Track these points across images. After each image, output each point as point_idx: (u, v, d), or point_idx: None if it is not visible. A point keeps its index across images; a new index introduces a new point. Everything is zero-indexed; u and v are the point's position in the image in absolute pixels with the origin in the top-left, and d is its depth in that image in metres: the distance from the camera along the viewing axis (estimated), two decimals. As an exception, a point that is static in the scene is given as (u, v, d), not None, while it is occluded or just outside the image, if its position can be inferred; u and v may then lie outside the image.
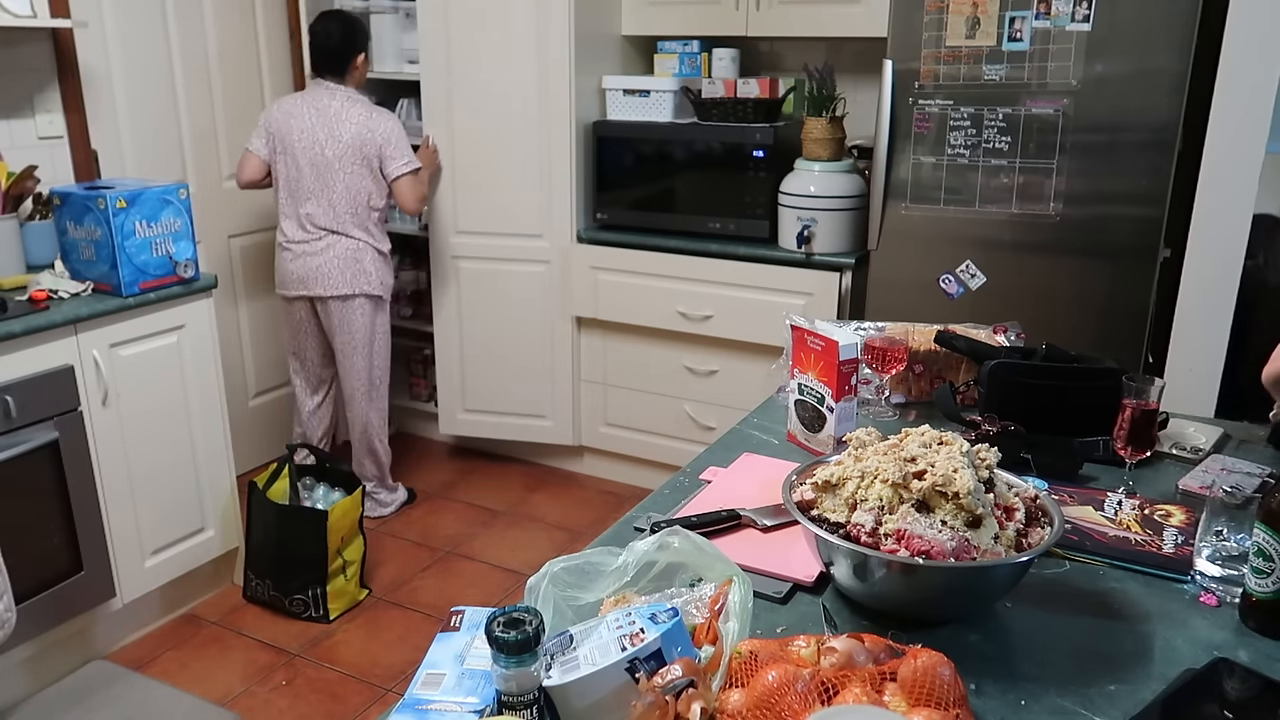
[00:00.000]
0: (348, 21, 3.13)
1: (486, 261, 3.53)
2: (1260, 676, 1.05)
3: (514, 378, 3.64)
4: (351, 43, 3.11)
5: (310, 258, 3.13)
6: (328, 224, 3.10)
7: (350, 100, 3.09)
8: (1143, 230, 2.52)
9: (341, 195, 3.08)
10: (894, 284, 2.85)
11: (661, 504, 1.48)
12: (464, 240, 3.52)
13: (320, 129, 3.05)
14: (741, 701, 0.89)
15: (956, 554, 1.06)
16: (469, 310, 3.60)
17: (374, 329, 3.26)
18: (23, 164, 2.70)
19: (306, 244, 3.13)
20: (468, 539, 3.33)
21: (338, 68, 3.11)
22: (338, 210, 3.09)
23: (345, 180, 3.07)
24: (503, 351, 3.62)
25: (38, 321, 2.33)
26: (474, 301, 3.59)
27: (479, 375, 3.67)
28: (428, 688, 0.99)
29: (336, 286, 3.14)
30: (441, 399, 3.73)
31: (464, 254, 3.53)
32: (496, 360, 3.64)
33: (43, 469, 2.39)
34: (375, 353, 3.29)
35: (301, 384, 3.38)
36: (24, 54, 2.83)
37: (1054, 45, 2.50)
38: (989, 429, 1.55)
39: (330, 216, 3.09)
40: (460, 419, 3.74)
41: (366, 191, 3.11)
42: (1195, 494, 1.46)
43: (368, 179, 3.11)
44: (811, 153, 3.11)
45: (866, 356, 1.72)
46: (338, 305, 3.18)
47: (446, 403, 3.72)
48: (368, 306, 3.21)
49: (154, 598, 2.78)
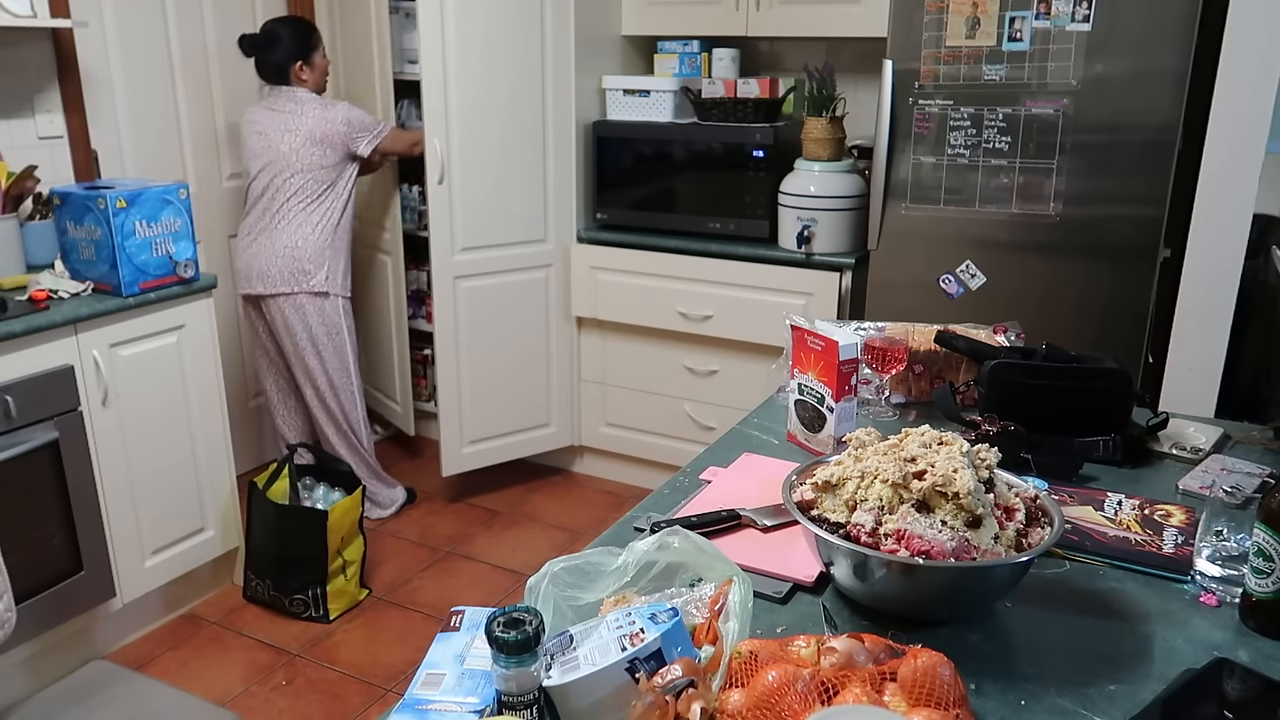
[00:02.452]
0: (275, 33, 3.11)
1: (488, 276, 3.38)
2: (1260, 676, 1.05)
3: (515, 392, 3.53)
4: (288, 52, 3.10)
5: (253, 255, 3.15)
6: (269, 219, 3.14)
7: (302, 101, 3.11)
8: (1143, 230, 2.52)
9: (293, 191, 3.11)
10: (894, 284, 2.85)
11: (661, 504, 1.48)
12: (466, 259, 3.33)
13: (273, 127, 3.09)
14: (741, 701, 0.89)
15: (956, 554, 1.06)
16: (470, 334, 3.40)
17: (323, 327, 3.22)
18: (23, 164, 2.70)
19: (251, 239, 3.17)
20: (468, 539, 3.33)
21: (280, 78, 3.13)
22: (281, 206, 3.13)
23: (301, 177, 3.09)
24: (503, 367, 3.48)
25: (38, 321, 2.33)
26: (475, 322, 3.40)
27: (481, 401, 3.48)
28: (428, 688, 0.99)
29: (275, 284, 3.14)
30: (444, 436, 3.49)
31: (466, 272, 3.34)
32: (497, 380, 3.48)
33: (43, 469, 2.39)
34: (326, 352, 3.24)
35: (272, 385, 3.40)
36: (24, 54, 2.83)
37: (1054, 45, 2.50)
38: (989, 429, 1.55)
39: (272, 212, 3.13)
40: (465, 454, 3.52)
41: (324, 183, 3.14)
42: (1195, 494, 1.46)
43: (329, 171, 3.13)
44: (811, 153, 3.11)
45: (866, 356, 1.72)
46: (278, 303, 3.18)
47: (449, 439, 3.48)
48: (311, 306, 3.18)
49: (154, 598, 2.78)
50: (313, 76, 3.15)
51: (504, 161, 3.32)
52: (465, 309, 3.37)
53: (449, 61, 3.18)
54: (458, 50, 3.17)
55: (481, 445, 3.55)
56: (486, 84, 3.23)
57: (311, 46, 3.15)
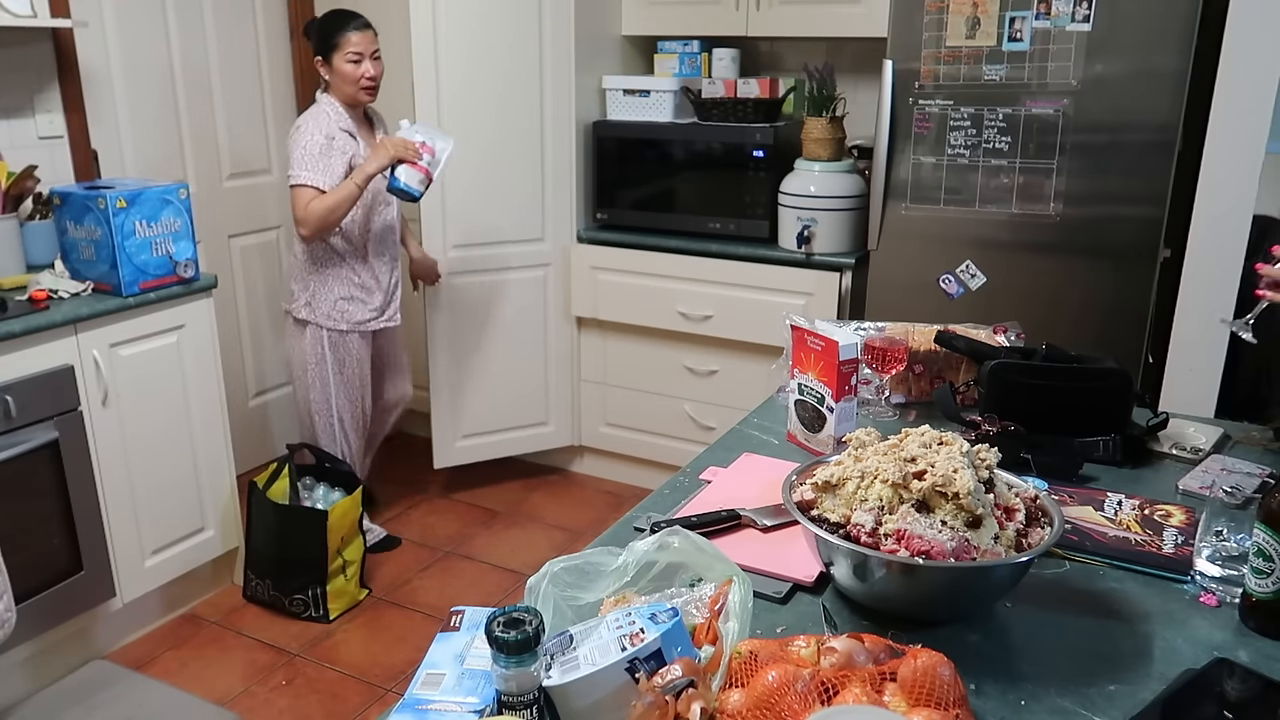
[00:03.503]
0: (311, 22, 2.91)
1: (481, 274, 3.38)
2: (1260, 676, 1.05)
3: (512, 390, 3.53)
4: (314, 45, 2.83)
5: None
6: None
7: (312, 107, 2.86)
8: (1143, 230, 2.52)
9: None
10: (894, 284, 2.85)
11: (661, 504, 1.48)
12: (457, 255, 3.33)
13: None
14: (741, 701, 0.89)
15: (956, 554, 1.06)
16: (464, 328, 3.41)
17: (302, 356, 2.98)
18: (23, 164, 2.70)
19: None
20: (467, 539, 3.33)
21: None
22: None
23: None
24: (500, 365, 3.49)
25: (38, 321, 2.33)
26: (469, 318, 3.41)
27: (475, 396, 3.49)
28: (428, 688, 0.99)
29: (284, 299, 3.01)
30: (436, 429, 3.46)
31: (458, 269, 3.33)
32: (491, 375, 3.49)
33: (43, 469, 2.39)
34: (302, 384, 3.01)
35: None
36: (24, 54, 2.83)
37: (1054, 45, 2.50)
38: (989, 429, 1.55)
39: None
40: (458, 448, 3.52)
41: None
42: (1195, 494, 1.46)
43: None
44: (811, 153, 3.11)
45: (866, 356, 1.72)
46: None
47: (441, 432, 3.47)
48: (293, 329, 2.99)
49: (154, 598, 2.78)
50: (333, 80, 2.81)
51: (497, 160, 3.31)
52: (456, 304, 3.38)
53: (440, 58, 3.14)
54: (448, 48, 3.13)
55: (475, 440, 3.57)
56: (480, 82, 3.22)
57: (332, 46, 2.77)
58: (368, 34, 2.80)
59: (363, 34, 2.79)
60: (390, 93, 3.23)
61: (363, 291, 2.96)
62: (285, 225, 3.78)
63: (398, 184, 2.75)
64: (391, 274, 3.04)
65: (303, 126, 2.79)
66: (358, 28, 2.78)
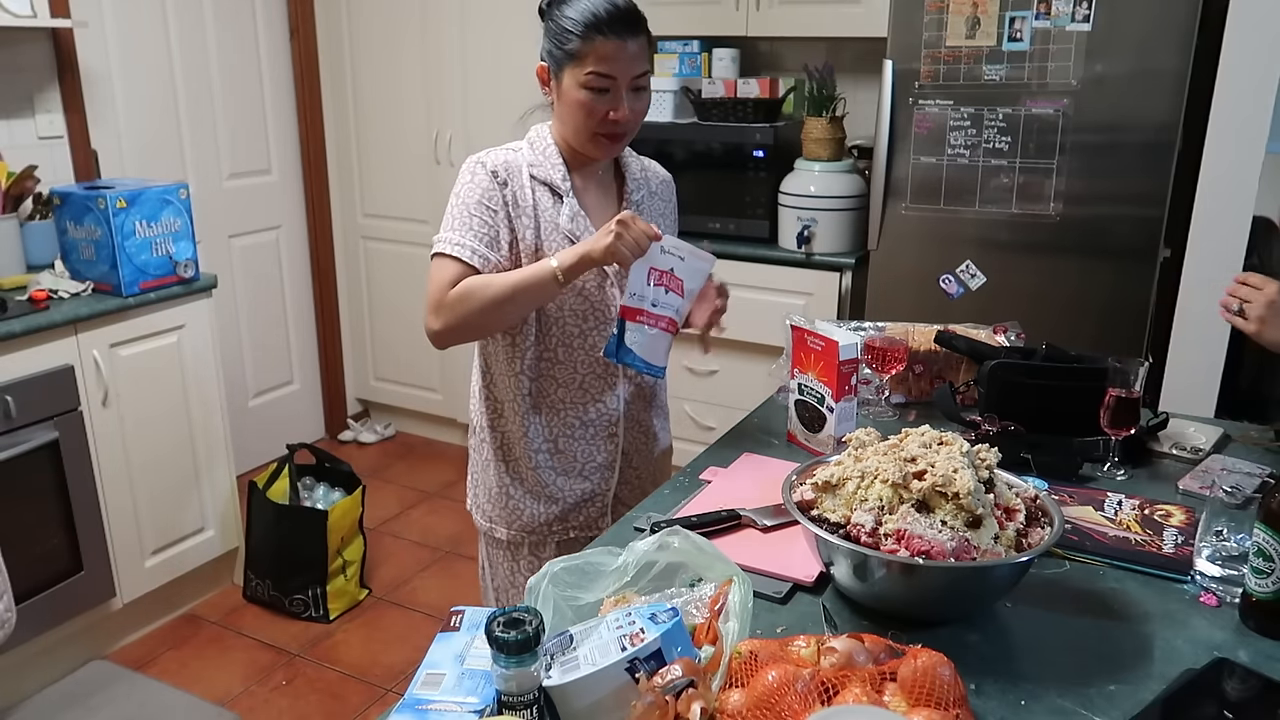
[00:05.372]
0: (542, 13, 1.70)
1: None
2: (1260, 676, 1.05)
3: None
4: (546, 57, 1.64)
5: None
6: None
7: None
8: (1143, 230, 2.52)
9: None
10: (894, 284, 2.85)
11: (661, 504, 1.47)
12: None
13: None
14: (741, 701, 0.89)
15: (956, 554, 1.06)
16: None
17: None
18: (23, 164, 2.70)
19: None
20: (468, 539, 3.32)
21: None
22: None
23: None
24: None
25: (38, 321, 2.33)
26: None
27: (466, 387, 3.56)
28: (428, 688, 0.99)
29: None
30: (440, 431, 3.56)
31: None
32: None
33: (43, 469, 2.39)
34: None
35: None
36: (24, 54, 2.83)
37: (1054, 45, 2.49)
38: (989, 429, 1.55)
39: None
40: (458, 447, 3.57)
41: None
42: (1195, 494, 1.46)
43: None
44: (811, 153, 3.11)
45: (866, 356, 1.72)
46: None
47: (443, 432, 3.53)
48: None
49: (154, 598, 2.78)
50: (558, 107, 1.64)
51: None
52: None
53: (469, 66, 3.13)
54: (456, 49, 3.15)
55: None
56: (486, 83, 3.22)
57: (568, 54, 1.55)
58: (629, 45, 1.54)
59: (620, 43, 1.53)
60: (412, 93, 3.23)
61: None
62: (285, 225, 3.78)
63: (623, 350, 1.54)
64: None
65: (472, 163, 1.67)
66: (615, 32, 1.53)
